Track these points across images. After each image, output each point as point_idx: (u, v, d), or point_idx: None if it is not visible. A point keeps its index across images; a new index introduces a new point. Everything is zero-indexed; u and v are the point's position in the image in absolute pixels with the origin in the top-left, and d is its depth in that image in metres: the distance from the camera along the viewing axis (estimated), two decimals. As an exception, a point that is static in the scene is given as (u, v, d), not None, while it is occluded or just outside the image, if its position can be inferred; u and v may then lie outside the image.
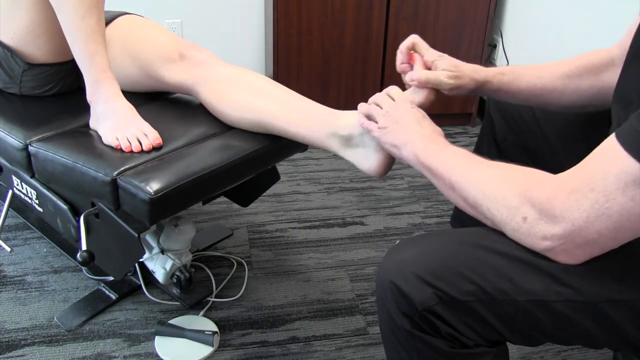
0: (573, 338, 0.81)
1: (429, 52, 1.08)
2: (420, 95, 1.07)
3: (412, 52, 1.10)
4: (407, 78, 1.08)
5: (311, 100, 1.25)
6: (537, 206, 0.74)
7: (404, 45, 1.09)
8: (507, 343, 0.86)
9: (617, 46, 1.04)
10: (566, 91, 1.05)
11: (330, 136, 1.15)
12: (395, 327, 0.82)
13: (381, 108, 1.03)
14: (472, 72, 1.05)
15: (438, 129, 0.98)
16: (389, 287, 0.80)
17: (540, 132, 1.17)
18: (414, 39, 1.09)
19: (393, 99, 1.04)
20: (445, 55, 1.07)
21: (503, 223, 0.78)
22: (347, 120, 1.13)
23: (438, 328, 0.79)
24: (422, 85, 1.06)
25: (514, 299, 0.76)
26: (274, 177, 1.57)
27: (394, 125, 0.99)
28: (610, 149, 0.69)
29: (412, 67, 1.09)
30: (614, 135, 0.69)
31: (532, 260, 0.77)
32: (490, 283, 0.76)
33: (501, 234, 0.80)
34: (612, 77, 1.00)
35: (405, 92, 1.09)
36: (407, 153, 0.95)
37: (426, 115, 1.01)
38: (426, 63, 1.08)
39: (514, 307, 0.77)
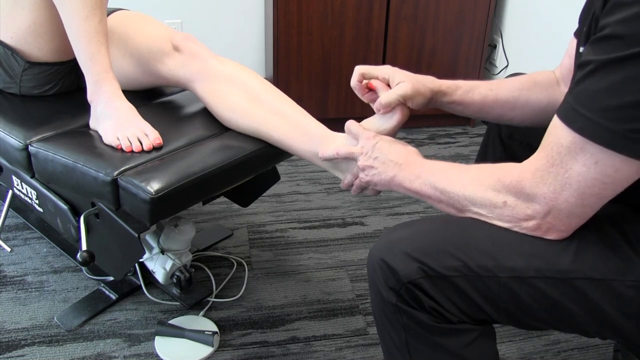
0: (560, 321, 0.83)
1: (380, 71, 1.09)
2: (395, 117, 1.09)
3: (366, 82, 1.11)
4: (374, 107, 1.10)
5: (305, 113, 1.25)
6: (511, 190, 0.80)
7: (353, 81, 1.11)
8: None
9: (559, 68, 1.11)
10: (517, 103, 1.09)
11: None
12: (384, 302, 0.86)
13: (355, 161, 1.06)
14: (428, 81, 1.08)
15: (410, 149, 1.01)
16: (378, 264, 0.85)
17: (543, 132, 1.18)
18: (358, 69, 1.10)
19: (356, 139, 1.07)
20: (397, 69, 1.09)
21: (489, 216, 0.84)
22: (335, 146, 1.13)
23: (422, 302, 0.82)
24: (390, 108, 1.08)
25: (496, 275, 0.80)
26: (274, 177, 1.57)
27: (372, 171, 1.01)
28: (555, 126, 0.77)
29: (377, 93, 1.11)
30: (556, 114, 0.77)
31: (515, 238, 0.81)
32: (473, 260, 0.81)
33: None
34: (558, 94, 1.08)
35: (375, 117, 1.11)
36: (396, 188, 0.98)
37: (393, 141, 1.03)
38: (384, 82, 1.09)
39: (496, 284, 0.81)
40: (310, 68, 2.44)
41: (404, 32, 2.43)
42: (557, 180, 0.75)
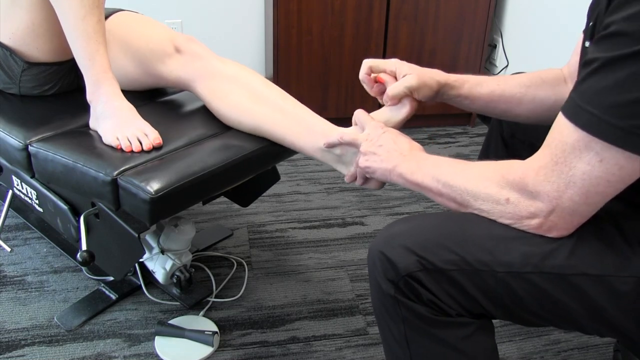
0: (557, 317, 0.84)
1: (387, 64, 1.11)
2: (403, 110, 1.11)
3: (374, 75, 1.13)
4: (383, 100, 1.13)
5: (308, 109, 1.25)
6: (514, 187, 0.80)
7: (362, 74, 1.13)
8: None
9: (567, 66, 1.10)
10: (524, 99, 1.09)
11: (325, 152, 1.17)
12: (383, 295, 0.86)
13: (358, 149, 1.06)
14: (434, 73, 1.10)
15: (415, 144, 1.02)
16: (377, 257, 0.86)
17: (546, 131, 1.18)
18: (366, 63, 1.12)
19: (363, 128, 1.08)
20: (403, 62, 1.11)
21: (491, 212, 0.84)
22: (340, 132, 1.14)
23: (420, 295, 0.83)
24: (397, 100, 1.10)
25: (494, 270, 0.81)
26: (274, 177, 1.57)
27: (374, 157, 1.02)
28: (560, 124, 0.77)
29: (385, 86, 1.12)
30: (561, 112, 0.77)
31: (513, 234, 0.82)
32: (471, 254, 0.82)
33: None
34: (565, 91, 1.08)
35: (384, 109, 1.13)
36: (395, 178, 0.98)
37: (400, 134, 1.04)
38: (391, 74, 1.11)
39: (493, 279, 0.81)
40: (310, 68, 2.44)
41: (404, 32, 2.43)
42: (561, 178, 0.75)
